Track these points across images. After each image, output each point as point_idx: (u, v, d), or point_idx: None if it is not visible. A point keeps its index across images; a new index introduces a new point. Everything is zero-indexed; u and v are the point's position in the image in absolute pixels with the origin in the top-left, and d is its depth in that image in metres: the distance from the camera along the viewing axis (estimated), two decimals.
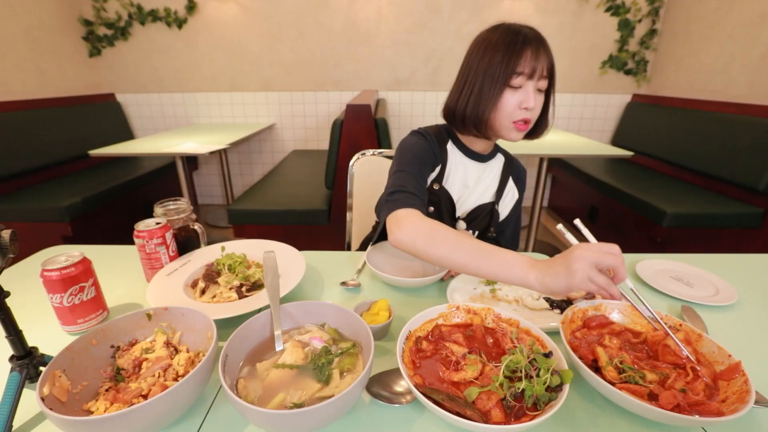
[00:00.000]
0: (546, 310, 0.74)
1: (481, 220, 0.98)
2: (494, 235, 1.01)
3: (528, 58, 0.78)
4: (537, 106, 0.83)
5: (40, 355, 0.56)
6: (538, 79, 0.80)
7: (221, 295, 0.74)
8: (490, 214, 0.98)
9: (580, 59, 3.20)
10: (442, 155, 0.94)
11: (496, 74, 0.80)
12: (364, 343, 0.55)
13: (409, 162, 0.88)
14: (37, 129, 2.60)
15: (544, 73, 0.80)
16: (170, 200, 0.88)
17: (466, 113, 0.86)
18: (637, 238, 2.42)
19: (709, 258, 0.98)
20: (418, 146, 0.91)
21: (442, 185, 0.94)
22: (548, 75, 0.82)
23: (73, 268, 0.64)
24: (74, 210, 2.21)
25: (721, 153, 2.39)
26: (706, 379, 0.52)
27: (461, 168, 0.96)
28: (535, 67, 0.78)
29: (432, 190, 0.93)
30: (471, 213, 0.98)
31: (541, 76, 0.80)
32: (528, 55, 0.78)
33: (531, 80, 0.80)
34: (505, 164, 1.02)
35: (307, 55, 3.22)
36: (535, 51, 0.78)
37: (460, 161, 0.96)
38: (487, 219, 0.99)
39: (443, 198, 0.94)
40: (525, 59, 0.78)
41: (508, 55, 0.79)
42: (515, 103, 0.81)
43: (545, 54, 0.80)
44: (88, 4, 3.05)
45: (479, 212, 0.98)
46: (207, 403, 0.54)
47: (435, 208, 0.94)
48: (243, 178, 3.68)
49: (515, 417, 0.47)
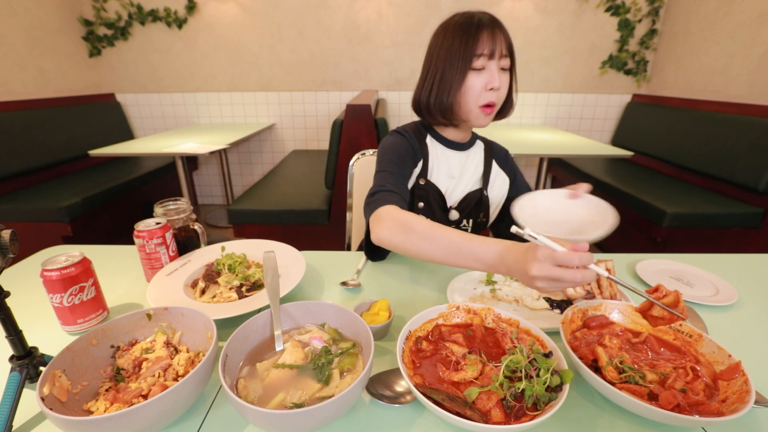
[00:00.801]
0: (546, 310, 0.74)
1: (473, 208, 1.00)
2: (485, 220, 1.03)
3: (485, 40, 0.81)
4: (503, 86, 0.86)
5: (40, 355, 0.56)
6: (500, 58, 0.83)
7: (221, 295, 0.74)
8: (480, 200, 1.00)
9: (580, 59, 3.21)
10: (422, 150, 0.95)
11: (457, 59, 0.83)
12: (364, 343, 0.55)
13: (388, 162, 0.90)
14: (37, 129, 2.60)
15: (504, 52, 0.83)
16: (170, 200, 0.88)
17: (430, 101, 0.89)
18: (637, 238, 2.42)
19: (709, 258, 0.98)
20: (396, 144, 0.93)
21: (428, 179, 0.96)
22: (508, 54, 0.85)
23: (73, 268, 0.64)
24: (74, 210, 2.21)
25: (721, 153, 2.39)
26: (706, 379, 0.52)
27: (443, 159, 0.97)
28: (493, 47, 0.82)
29: (419, 186, 0.95)
30: (461, 202, 0.99)
31: (502, 55, 0.83)
32: (485, 37, 0.81)
33: (492, 60, 0.83)
34: (485, 150, 1.04)
35: (307, 55, 3.22)
36: (491, 32, 0.82)
37: (442, 153, 0.97)
38: (478, 206, 1.00)
39: (431, 191, 0.96)
40: (483, 41, 0.81)
41: (465, 38, 0.82)
42: (480, 85, 0.84)
43: (501, 34, 0.83)
44: (88, 4, 3.05)
45: (469, 200, 0.99)
46: (207, 403, 0.54)
47: (425, 202, 0.96)
48: (243, 178, 3.68)
49: (515, 417, 0.47)
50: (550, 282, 0.55)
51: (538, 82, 3.29)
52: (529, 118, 3.43)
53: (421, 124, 1.00)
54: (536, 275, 0.54)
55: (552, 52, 3.19)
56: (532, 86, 3.30)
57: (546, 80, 3.28)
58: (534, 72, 3.25)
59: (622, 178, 2.70)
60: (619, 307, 0.66)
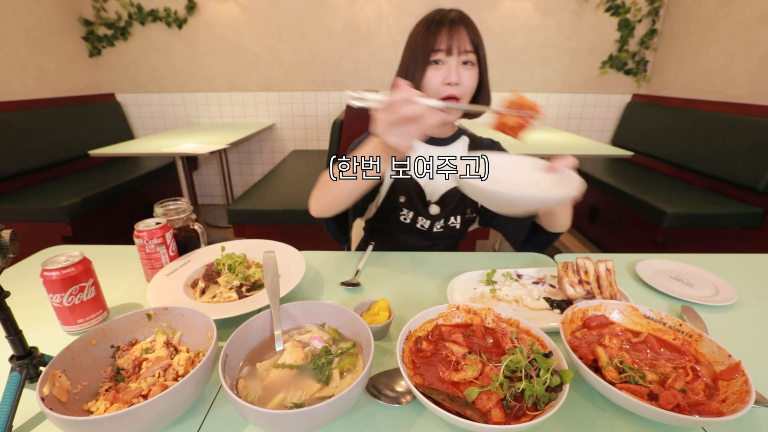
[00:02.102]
0: (546, 310, 0.74)
1: (458, 204, 1.00)
2: (473, 215, 1.03)
3: (444, 36, 0.84)
4: (465, 81, 0.87)
5: (40, 355, 0.56)
6: (459, 54, 0.85)
7: (221, 295, 0.74)
8: (464, 196, 1.00)
9: (580, 59, 3.21)
10: None
11: (417, 54, 0.87)
12: (364, 343, 0.55)
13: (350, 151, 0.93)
14: (37, 129, 2.59)
15: (467, 48, 0.85)
16: (170, 200, 0.88)
17: None
18: (637, 238, 2.42)
19: (709, 258, 0.98)
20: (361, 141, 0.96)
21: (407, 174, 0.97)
22: (474, 51, 0.86)
23: (73, 268, 0.64)
24: (74, 210, 2.21)
25: (721, 153, 2.39)
26: (706, 379, 0.52)
27: (422, 154, 0.98)
28: (450, 43, 0.84)
29: (402, 180, 0.98)
30: (444, 197, 1.00)
31: (462, 51, 0.85)
32: (443, 33, 0.84)
33: (451, 56, 0.85)
34: (471, 145, 1.04)
35: (307, 55, 3.22)
36: (450, 29, 0.84)
37: (420, 148, 0.99)
38: (463, 202, 1.01)
39: (410, 186, 0.98)
40: (441, 37, 0.84)
41: (425, 34, 0.86)
42: (439, 79, 0.86)
43: (465, 31, 0.85)
44: (88, 4, 3.05)
45: (452, 196, 1.00)
46: (207, 403, 0.54)
47: (406, 196, 0.98)
48: (243, 178, 3.68)
49: (515, 417, 0.47)
50: (391, 126, 0.58)
51: (538, 82, 3.29)
52: None
53: None
54: (378, 131, 0.59)
55: (552, 52, 3.19)
56: (532, 86, 3.30)
57: (546, 80, 3.28)
58: (534, 72, 3.25)
59: (622, 178, 2.70)
60: (619, 307, 0.66)
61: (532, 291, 0.79)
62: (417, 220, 1.00)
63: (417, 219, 1.00)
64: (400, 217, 1.00)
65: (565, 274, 0.76)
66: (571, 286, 0.74)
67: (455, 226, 1.02)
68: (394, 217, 1.01)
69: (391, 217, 1.01)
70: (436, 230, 1.01)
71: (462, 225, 1.02)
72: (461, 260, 0.95)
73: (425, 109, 0.56)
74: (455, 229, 1.02)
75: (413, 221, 1.00)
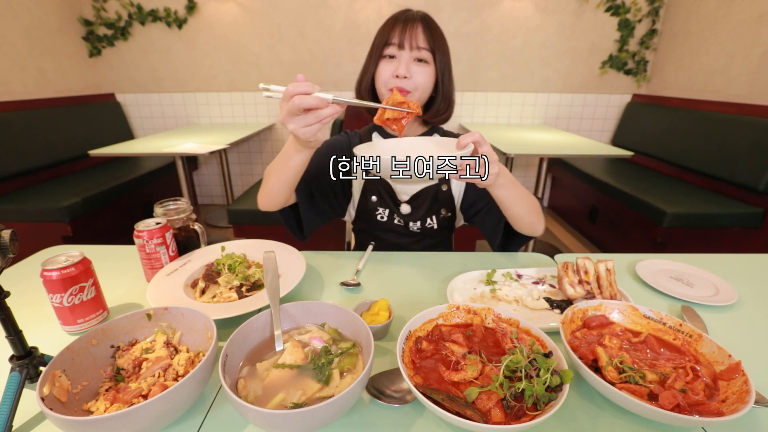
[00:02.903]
0: (546, 310, 0.74)
1: (431, 204, 1.01)
2: (449, 215, 1.03)
3: (397, 32, 0.88)
4: (416, 76, 0.89)
5: (40, 355, 0.56)
6: (411, 50, 0.88)
7: (221, 295, 0.74)
8: (435, 195, 1.01)
9: (580, 59, 3.21)
10: None
11: (374, 48, 0.93)
12: (364, 343, 0.55)
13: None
14: (37, 129, 2.59)
15: (420, 45, 0.88)
16: (170, 200, 0.88)
17: (360, 86, 0.97)
18: (637, 238, 2.42)
19: (709, 258, 0.98)
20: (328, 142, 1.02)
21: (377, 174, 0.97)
22: (429, 49, 0.88)
23: (73, 268, 0.64)
24: (74, 210, 2.21)
25: (721, 153, 2.39)
26: (706, 379, 0.52)
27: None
28: (402, 39, 0.87)
29: (372, 181, 1.01)
30: (416, 197, 1.01)
31: (415, 48, 0.88)
32: (398, 29, 0.88)
33: (403, 50, 0.88)
34: None
35: (307, 55, 3.22)
36: (405, 25, 0.88)
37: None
38: (435, 201, 1.01)
39: (380, 185, 1.01)
40: (395, 32, 0.88)
41: (382, 29, 0.91)
42: (389, 72, 0.89)
43: (423, 29, 0.88)
44: (88, 4, 3.05)
45: (425, 196, 1.01)
46: (207, 403, 0.54)
47: (377, 196, 1.01)
48: (243, 178, 3.68)
49: (515, 417, 0.47)
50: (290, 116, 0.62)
51: (538, 82, 3.29)
52: (529, 118, 3.43)
53: (373, 124, 1.04)
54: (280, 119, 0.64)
55: (552, 52, 3.19)
56: (532, 86, 3.30)
57: (546, 80, 3.28)
58: (534, 72, 3.25)
59: (622, 178, 2.70)
60: (619, 307, 0.66)
61: (532, 291, 0.79)
62: (393, 218, 1.02)
63: (393, 217, 1.02)
64: (377, 216, 1.02)
65: (565, 274, 0.76)
66: (571, 286, 0.74)
67: (432, 227, 1.02)
68: (372, 216, 1.02)
69: (369, 217, 1.03)
70: (414, 230, 1.02)
71: (439, 225, 1.02)
72: (461, 260, 0.95)
73: (317, 100, 0.61)
74: (433, 230, 1.02)
75: (390, 219, 1.02)
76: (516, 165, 3.61)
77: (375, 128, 1.04)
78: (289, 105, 0.61)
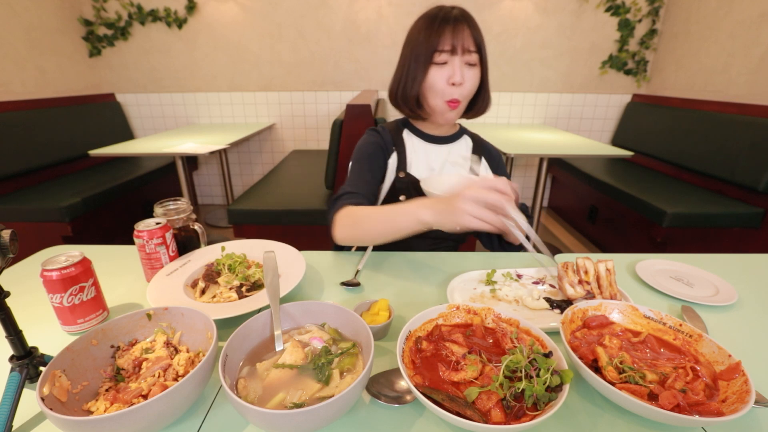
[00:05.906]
0: (546, 310, 0.74)
1: None
2: None
3: (448, 36, 0.82)
4: (468, 81, 0.86)
5: (40, 355, 0.56)
6: (463, 54, 0.84)
7: (221, 295, 0.74)
8: None
9: (580, 59, 3.21)
10: (397, 144, 0.98)
11: (420, 53, 0.85)
12: (364, 343, 0.55)
13: (355, 162, 0.95)
14: (37, 129, 2.59)
15: (470, 48, 0.84)
16: (170, 200, 0.88)
17: (398, 94, 0.91)
18: (637, 238, 2.42)
19: (709, 258, 0.98)
20: (365, 144, 0.97)
21: (407, 172, 0.97)
22: (477, 50, 0.85)
23: (73, 268, 0.64)
24: (74, 210, 2.21)
25: (721, 153, 2.39)
26: (706, 379, 0.52)
27: (422, 153, 0.99)
28: (455, 43, 0.83)
29: (399, 179, 0.97)
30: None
31: (466, 51, 0.83)
32: (448, 33, 0.82)
33: (455, 55, 0.84)
34: (474, 145, 1.04)
35: (307, 55, 3.22)
36: (454, 28, 0.83)
37: (420, 146, 0.99)
38: None
39: (410, 184, 0.98)
40: (445, 37, 0.83)
41: (428, 34, 0.84)
42: (443, 79, 0.85)
43: (469, 30, 0.83)
44: (88, 4, 3.05)
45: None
46: (207, 403, 0.54)
47: (406, 195, 0.98)
48: (243, 178, 3.68)
49: (515, 417, 0.47)
50: (475, 206, 0.61)
51: (538, 82, 3.29)
52: (529, 118, 3.43)
53: (402, 120, 1.03)
54: (464, 193, 0.62)
55: (552, 52, 3.19)
56: (532, 86, 3.30)
57: (546, 80, 3.28)
58: (534, 72, 3.25)
59: (622, 178, 2.70)
60: (619, 307, 0.66)
61: (532, 291, 0.79)
62: None
63: None
64: None
65: (565, 274, 0.76)
66: (571, 286, 0.74)
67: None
68: None
69: None
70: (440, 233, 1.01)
71: None
72: (461, 260, 0.95)
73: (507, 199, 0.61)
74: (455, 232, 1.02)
75: None
76: (516, 165, 3.61)
77: (404, 124, 1.02)
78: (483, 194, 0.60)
